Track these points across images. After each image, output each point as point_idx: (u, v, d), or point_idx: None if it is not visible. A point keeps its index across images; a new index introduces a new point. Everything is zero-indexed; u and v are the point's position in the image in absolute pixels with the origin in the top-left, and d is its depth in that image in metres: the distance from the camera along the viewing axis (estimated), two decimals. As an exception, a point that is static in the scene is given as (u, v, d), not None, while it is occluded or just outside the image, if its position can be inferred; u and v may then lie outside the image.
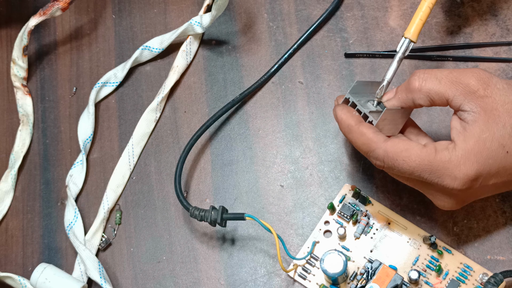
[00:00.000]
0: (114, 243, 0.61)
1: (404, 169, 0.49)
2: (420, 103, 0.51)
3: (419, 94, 0.50)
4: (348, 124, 0.51)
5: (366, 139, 0.50)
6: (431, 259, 0.56)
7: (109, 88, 0.66)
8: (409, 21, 0.64)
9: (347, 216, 0.57)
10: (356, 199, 0.58)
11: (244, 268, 0.58)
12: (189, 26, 0.65)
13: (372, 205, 0.58)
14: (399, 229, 0.57)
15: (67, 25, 0.70)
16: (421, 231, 0.57)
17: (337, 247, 0.57)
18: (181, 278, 0.59)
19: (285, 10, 0.67)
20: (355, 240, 0.57)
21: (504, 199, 0.57)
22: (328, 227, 0.58)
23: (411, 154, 0.48)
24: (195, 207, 0.56)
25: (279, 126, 0.63)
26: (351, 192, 0.58)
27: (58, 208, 0.63)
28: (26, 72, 0.67)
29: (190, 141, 0.60)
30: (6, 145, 0.66)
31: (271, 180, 0.61)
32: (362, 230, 0.57)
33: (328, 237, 0.57)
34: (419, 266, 0.56)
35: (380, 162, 0.50)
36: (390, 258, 0.56)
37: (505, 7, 0.63)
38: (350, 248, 0.57)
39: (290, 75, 0.64)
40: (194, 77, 0.66)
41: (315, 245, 0.57)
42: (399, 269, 0.55)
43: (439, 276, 0.55)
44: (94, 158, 0.64)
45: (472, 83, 0.48)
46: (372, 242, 0.57)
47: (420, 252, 0.56)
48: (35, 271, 0.57)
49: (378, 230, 0.57)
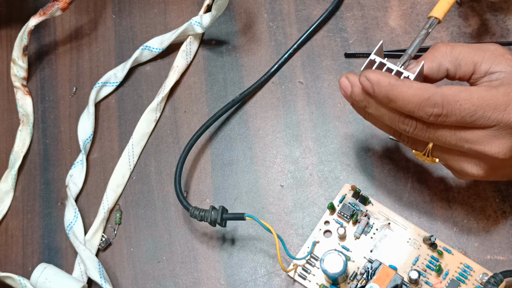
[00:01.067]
0: (114, 243, 0.61)
1: (467, 110, 0.46)
2: (447, 67, 0.50)
3: (447, 57, 0.50)
4: (389, 81, 0.47)
5: (417, 89, 0.47)
6: (431, 259, 0.56)
7: (109, 88, 0.66)
8: (409, 21, 0.64)
9: (347, 216, 0.57)
10: (356, 199, 0.58)
11: (244, 268, 0.58)
12: (189, 26, 0.65)
13: (372, 205, 0.58)
14: (399, 229, 0.57)
15: (67, 25, 0.70)
16: (421, 231, 0.57)
17: (337, 247, 0.57)
18: (181, 278, 0.59)
19: (285, 10, 0.67)
20: (355, 240, 0.57)
21: (504, 199, 0.57)
22: (328, 227, 0.58)
23: (472, 92, 0.47)
24: (195, 207, 0.56)
25: (279, 126, 0.63)
26: (351, 192, 0.58)
27: (58, 208, 0.63)
28: (26, 72, 0.67)
29: (190, 141, 0.60)
30: (6, 145, 0.66)
31: (271, 180, 0.61)
32: (362, 230, 0.57)
33: (328, 237, 0.57)
34: (419, 266, 0.55)
35: (439, 108, 0.46)
36: (390, 258, 0.56)
37: (505, 7, 0.63)
38: (350, 248, 0.57)
39: (290, 75, 0.64)
40: (194, 77, 0.66)
41: (315, 245, 0.57)
42: (399, 269, 0.55)
43: (439, 276, 0.55)
44: (94, 158, 0.64)
45: (498, 48, 0.49)
46: (372, 242, 0.57)
47: (420, 252, 0.56)
48: (35, 271, 0.57)
49: (378, 230, 0.57)
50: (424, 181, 0.58)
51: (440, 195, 0.58)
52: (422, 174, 0.59)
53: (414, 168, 0.59)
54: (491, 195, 0.57)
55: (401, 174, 0.59)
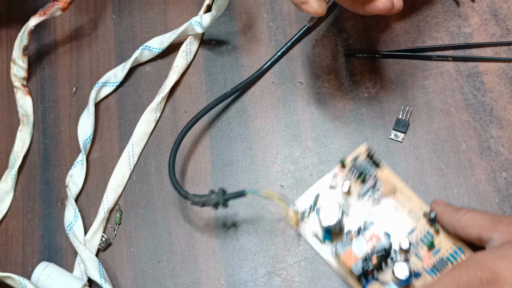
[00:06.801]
0: (114, 243, 0.61)
1: None
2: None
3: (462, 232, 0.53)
4: None
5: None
6: (427, 234, 0.56)
7: (109, 88, 0.66)
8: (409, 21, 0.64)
9: (356, 174, 0.58)
10: (369, 161, 0.59)
11: (244, 268, 0.58)
12: (189, 26, 0.65)
13: (382, 170, 0.58)
14: (403, 199, 0.57)
15: (67, 25, 0.70)
16: (424, 206, 0.57)
17: (339, 201, 0.58)
18: (181, 278, 0.59)
19: (285, 10, 0.67)
20: (357, 199, 0.58)
21: (504, 199, 0.57)
22: (335, 181, 0.59)
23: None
24: (194, 194, 0.56)
25: (279, 126, 0.63)
26: (365, 154, 0.59)
27: (58, 208, 0.63)
28: (26, 72, 0.67)
29: (184, 128, 0.60)
30: (6, 145, 0.66)
31: (271, 180, 0.61)
32: (366, 191, 0.58)
33: (332, 190, 0.58)
34: (413, 238, 0.56)
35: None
36: (387, 224, 0.57)
37: (505, 7, 0.63)
38: (351, 204, 0.57)
39: (290, 75, 0.64)
40: (194, 77, 0.66)
41: (318, 198, 0.58)
42: (393, 236, 0.56)
43: (430, 251, 0.56)
44: (94, 158, 0.64)
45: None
46: (374, 205, 0.57)
47: (417, 225, 0.56)
48: (37, 268, 0.57)
49: (383, 195, 0.58)
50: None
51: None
52: (422, 174, 0.59)
53: (414, 168, 0.59)
54: (491, 195, 0.57)
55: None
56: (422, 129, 0.60)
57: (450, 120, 0.60)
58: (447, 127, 0.60)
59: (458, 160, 0.59)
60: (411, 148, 0.60)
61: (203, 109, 0.61)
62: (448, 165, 0.59)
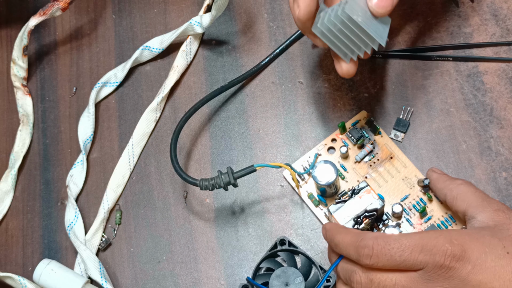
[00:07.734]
0: (114, 243, 0.61)
1: (395, 250, 0.47)
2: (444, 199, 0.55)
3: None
4: (335, 228, 0.51)
5: (353, 234, 0.49)
6: (420, 201, 0.57)
7: (109, 88, 0.66)
8: (409, 21, 0.64)
9: (354, 138, 0.59)
10: (368, 127, 0.60)
11: (244, 268, 0.58)
12: (189, 26, 0.65)
13: (381, 136, 0.60)
14: (399, 166, 0.58)
15: (67, 25, 0.70)
16: (419, 173, 0.58)
17: (336, 163, 0.59)
18: (181, 278, 0.59)
19: (285, 10, 0.67)
20: (354, 163, 0.59)
21: (504, 199, 0.57)
22: (333, 144, 0.60)
23: (403, 235, 0.47)
24: (202, 179, 0.56)
25: (279, 126, 0.63)
26: (365, 120, 0.60)
27: (58, 208, 0.63)
28: (26, 72, 0.67)
29: (183, 118, 0.60)
30: (6, 145, 0.66)
31: (271, 180, 0.61)
32: (364, 156, 0.59)
33: (331, 154, 0.60)
34: (406, 204, 0.57)
35: (369, 249, 0.47)
36: (381, 189, 0.58)
37: (505, 7, 0.63)
38: (347, 169, 0.59)
39: (290, 75, 0.64)
40: (194, 77, 0.66)
41: (317, 158, 0.59)
42: (386, 201, 0.57)
43: (422, 218, 0.57)
44: (94, 158, 0.64)
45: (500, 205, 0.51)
46: (370, 170, 0.58)
47: (411, 192, 0.58)
48: (41, 262, 0.57)
49: (379, 161, 0.59)
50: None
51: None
52: (422, 174, 0.59)
53: (414, 168, 0.59)
54: (491, 195, 0.57)
55: (401, 174, 0.59)
56: (422, 129, 0.60)
57: (450, 120, 0.60)
58: (447, 127, 0.60)
59: (458, 160, 0.59)
60: (411, 148, 0.60)
61: (200, 100, 0.61)
62: (448, 165, 0.59)
